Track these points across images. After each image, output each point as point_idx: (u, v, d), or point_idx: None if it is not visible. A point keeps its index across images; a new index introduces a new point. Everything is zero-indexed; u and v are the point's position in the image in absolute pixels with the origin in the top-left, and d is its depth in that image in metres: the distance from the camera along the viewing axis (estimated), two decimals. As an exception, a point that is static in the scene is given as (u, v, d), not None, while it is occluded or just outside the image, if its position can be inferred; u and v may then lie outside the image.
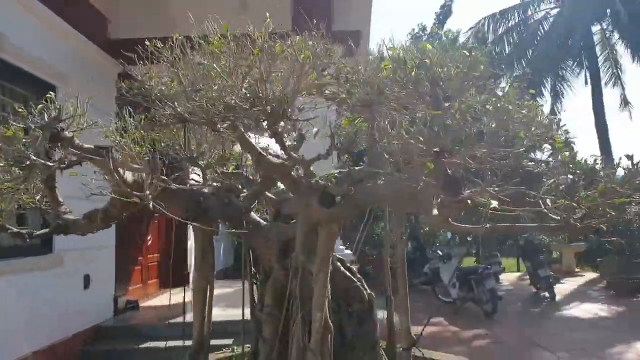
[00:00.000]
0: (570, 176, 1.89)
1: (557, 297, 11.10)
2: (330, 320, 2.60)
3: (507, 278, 14.74)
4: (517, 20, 20.92)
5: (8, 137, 2.07)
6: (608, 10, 19.23)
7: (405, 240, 7.68)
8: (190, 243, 11.90)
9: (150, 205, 1.95)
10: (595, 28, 20.18)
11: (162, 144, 2.95)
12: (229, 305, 8.76)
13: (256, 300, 3.32)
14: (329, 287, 2.58)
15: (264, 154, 2.52)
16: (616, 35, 19.77)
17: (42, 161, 2.12)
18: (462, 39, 18.94)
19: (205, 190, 3.01)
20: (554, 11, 21.05)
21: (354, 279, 3.16)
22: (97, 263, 7.00)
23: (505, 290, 12.40)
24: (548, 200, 1.79)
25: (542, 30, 20.71)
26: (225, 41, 2.47)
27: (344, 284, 3.05)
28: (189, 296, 10.21)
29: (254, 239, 3.10)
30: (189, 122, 2.25)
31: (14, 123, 2.14)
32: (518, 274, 15.96)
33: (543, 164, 2.11)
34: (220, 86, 2.15)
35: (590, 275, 15.25)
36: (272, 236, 2.97)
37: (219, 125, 2.27)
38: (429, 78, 1.90)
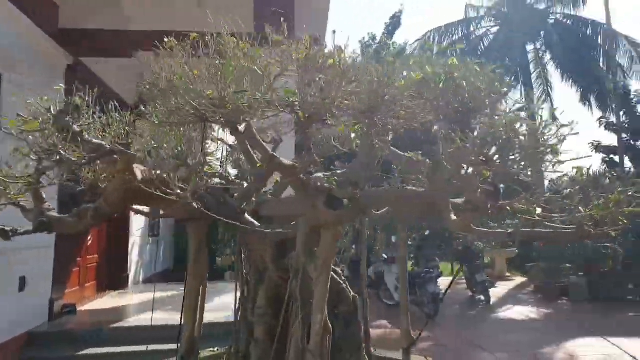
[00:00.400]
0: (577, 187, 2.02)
1: (492, 301, 11.68)
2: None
3: (444, 282, 15.31)
4: (460, 35, 21.87)
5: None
6: (542, 32, 20.55)
7: (347, 244, 7.82)
8: (133, 242, 11.46)
9: (195, 205, 1.90)
10: (530, 47, 21.52)
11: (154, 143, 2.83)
12: (179, 309, 8.51)
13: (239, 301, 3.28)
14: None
15: (276, 155, 2.50)
16: (548, 56, 21.17)
17: (69, 156, 2.01)
18: (409, 50, 19.51)
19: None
20: (494, 29, 22.23)
21: (340, 281, 3.19)
22: (34, 264, 6.59)
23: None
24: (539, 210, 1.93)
25: (483, 46, 21.79)
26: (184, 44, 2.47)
27: (333, 287, 3.09)
28: (129, 299, 9.87)
29: (249, 240, 3.06)
30: (208, 121, 2.19)
31: (22, 115, 2.00)
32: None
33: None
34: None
35: (520, 279, 16.15)
36: (267, 237, 2.94)
37: (239, 126, 2.23)
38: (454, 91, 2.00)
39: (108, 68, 8.87)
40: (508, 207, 1.95)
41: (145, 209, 3.28)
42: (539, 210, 1.96)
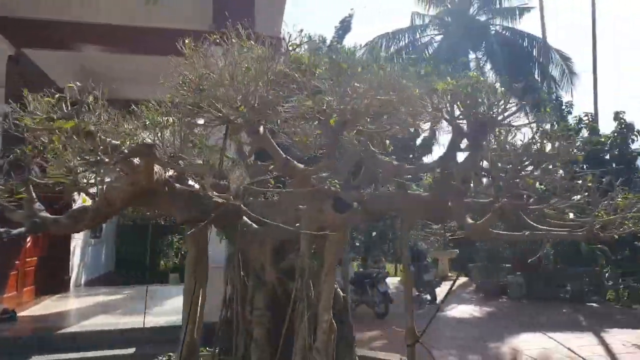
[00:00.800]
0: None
1: (438, 300, 12.09)
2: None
3: (390, 282, 15.68)
4: (407, 42, 22.51)
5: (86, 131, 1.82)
6: (483, 42, 21.53)
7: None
8: (74, 244, 10.90)
9: (242, 206, 1.84)
10: (472, 56, 22.47)
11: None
12: (126, 312, 8.20)
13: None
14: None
15: (290, 158, 2.47)
16: (489, 65, 22.20)
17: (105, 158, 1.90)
18: (358, 54, 19.84)
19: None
20: (439, 37, 23.04)
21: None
22: (-30, 267, 6.13)
23: (390, 294, 13.18)
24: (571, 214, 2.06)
25: (428, 53, 22.52)
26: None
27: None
28: (71, 304, 9.38)
29: (246, 242, 3.00)
30: (230, 122, 2.14)
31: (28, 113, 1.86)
32: (398, 278, 17.04)
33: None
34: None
35: (462, 279, 16.82)
36: (265, 239, 2.90)
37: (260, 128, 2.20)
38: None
39: (49, 61, 8.42)
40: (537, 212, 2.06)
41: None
42: (571, 215, 2.09)
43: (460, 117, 2.37)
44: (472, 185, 2.29)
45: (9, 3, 6.87)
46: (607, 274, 12.98)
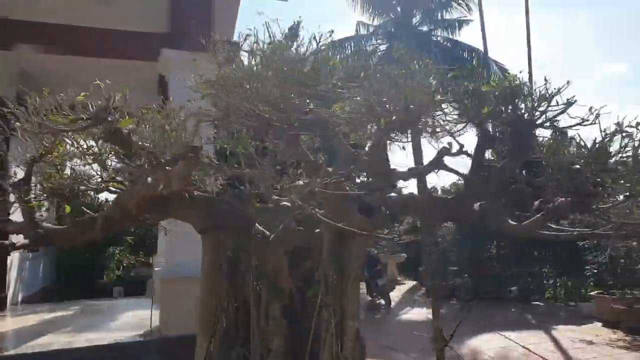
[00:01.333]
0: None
1: (392, 304, 12.29)
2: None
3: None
4: (352, 50, 22.84)
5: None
6: (426, 52, 22.25)
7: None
8: (11, 259, 10.08)
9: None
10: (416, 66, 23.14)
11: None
12: (76, 330, 7.68)
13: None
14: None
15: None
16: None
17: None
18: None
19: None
20: (383, 46, 23.58)
21: None
22: None
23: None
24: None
25: (372, 63, 22.96)
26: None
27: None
28: (11, 323, 8.66)
29: (261, 250, 2.84)
30: (271, 125, 2.01)
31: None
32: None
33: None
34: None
35: (411, 282, 17.22)
36: (280, 246, 2.77)
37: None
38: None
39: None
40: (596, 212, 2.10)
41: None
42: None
43: (491, 120, 2.40)
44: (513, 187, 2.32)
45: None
46: (544, 274, 13.76)
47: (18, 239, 2.49)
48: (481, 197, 2.40)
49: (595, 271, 11.17)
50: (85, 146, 1.92)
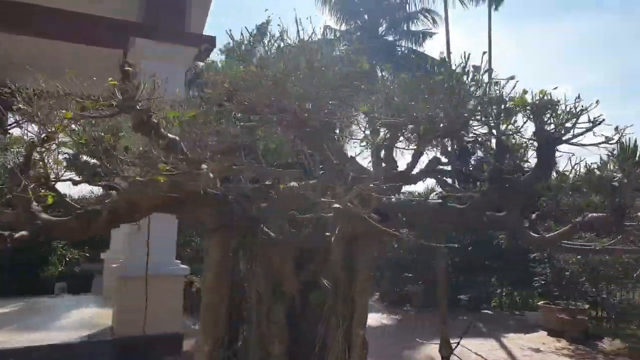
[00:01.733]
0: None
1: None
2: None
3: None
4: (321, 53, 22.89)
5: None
6: (390, 62, 22.61)
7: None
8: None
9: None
10: (379, 74, 23.48)
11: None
12: (20, 328, 7.24)
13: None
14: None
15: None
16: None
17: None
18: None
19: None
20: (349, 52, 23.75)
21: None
22: None
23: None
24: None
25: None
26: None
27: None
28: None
29: (266, 252, 2.71)
30: (304, 125, 1.90)
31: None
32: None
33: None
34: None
35: (365, 287, 17.35)
36: (286, 249, 2.65)
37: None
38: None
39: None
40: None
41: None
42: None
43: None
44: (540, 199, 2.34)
45: None
46: (493, 283, 14.20)
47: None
48: (500, 208, 2.42)
49: (542, 282, 11.63)
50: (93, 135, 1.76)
